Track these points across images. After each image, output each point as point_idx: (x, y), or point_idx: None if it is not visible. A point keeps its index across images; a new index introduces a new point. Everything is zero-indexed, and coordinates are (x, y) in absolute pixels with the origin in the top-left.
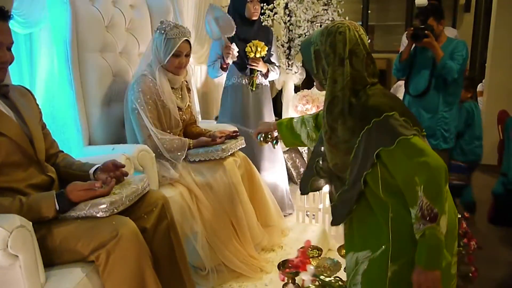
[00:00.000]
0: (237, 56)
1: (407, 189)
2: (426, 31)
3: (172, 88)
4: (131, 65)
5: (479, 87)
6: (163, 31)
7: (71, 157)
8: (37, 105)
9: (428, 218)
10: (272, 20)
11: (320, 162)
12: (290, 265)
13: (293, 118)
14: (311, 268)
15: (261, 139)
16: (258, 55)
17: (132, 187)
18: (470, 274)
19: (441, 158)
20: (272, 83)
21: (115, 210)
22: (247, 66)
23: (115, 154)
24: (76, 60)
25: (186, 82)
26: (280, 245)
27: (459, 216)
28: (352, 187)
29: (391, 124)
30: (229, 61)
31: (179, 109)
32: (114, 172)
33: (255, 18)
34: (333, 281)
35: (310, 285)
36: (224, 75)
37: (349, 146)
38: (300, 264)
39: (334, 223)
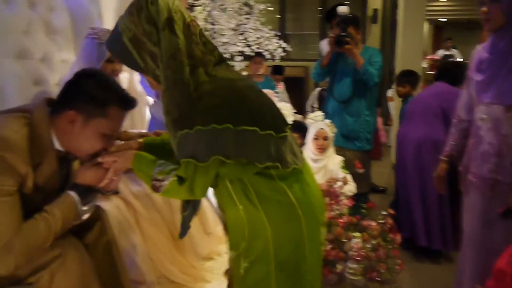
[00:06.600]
0: None
1: None
2: (347, 39)
3: None
4: (53, 72)
5: (389, 93)
6: (95, 36)
7: None
8: None
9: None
10: None
11: None
12: None
13: None
14: None
15: None
16: None
17: None
18: (397, 267)
19: (362, 159)
20: None
21: None
22: None
23: None
24: None
25: None
26: (218, 253)
27: (385, 213)
28: None
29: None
30: None
31: None
32: None
33: None
34: None
35: None
36: None
37: None
38: None
39: (182, 235)
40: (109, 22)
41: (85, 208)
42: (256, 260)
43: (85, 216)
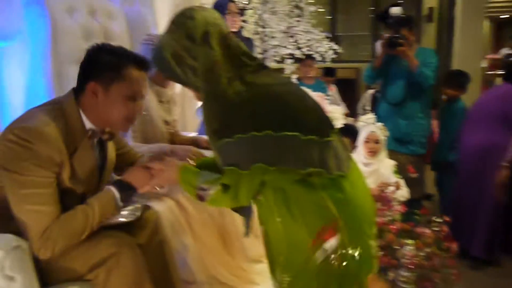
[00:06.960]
0: None
1: None
2: (400, 40)
3: (160, 101)
4: None
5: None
6: (151, 42)
7: None
8: None
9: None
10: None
11: None
12: None
13: None
14: None
15: None
16: None
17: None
18: (453, 277)
19: (416, 164)
20: None
21: None
22: None
23: None
24: (56, 73)
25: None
26: None
27: (440, 220)
28: None
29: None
30: None
31: (166, 122)
32: None
33: (234, 30)
34: None
35: None
36: None
37: None
38: None
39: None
40: (163, 29)
41: (137, 205)
42: (298, 274)
43: (137, 214)
